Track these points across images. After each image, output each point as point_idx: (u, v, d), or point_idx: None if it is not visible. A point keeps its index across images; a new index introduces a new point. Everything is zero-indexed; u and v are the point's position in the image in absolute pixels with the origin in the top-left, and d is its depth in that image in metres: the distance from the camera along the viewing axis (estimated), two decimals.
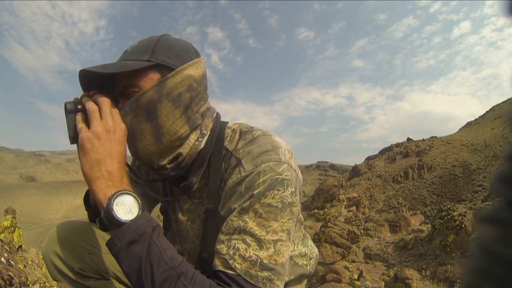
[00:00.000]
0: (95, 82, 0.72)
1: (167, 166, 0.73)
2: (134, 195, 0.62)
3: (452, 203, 3.55)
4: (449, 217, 3.23)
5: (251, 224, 0.63)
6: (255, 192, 0.65)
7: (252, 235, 0.63)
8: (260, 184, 0.65)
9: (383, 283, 2.96)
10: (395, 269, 3.24)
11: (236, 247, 0.62)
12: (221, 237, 0.66)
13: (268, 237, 0.63)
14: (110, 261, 0.82)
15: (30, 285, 0.73)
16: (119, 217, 0.58)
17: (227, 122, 0.82)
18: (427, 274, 2.90)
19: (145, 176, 0.94)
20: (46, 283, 0.73)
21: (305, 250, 0.90)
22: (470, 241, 2.91)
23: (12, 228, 2.32)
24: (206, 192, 0.78)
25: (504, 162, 0.21)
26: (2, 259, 0.77)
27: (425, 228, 4.10)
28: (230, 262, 0.61)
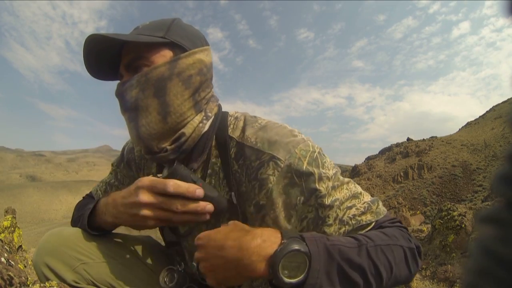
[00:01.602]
0: (100, 52, 0.70)
1: (168, 147, 0.70)
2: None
3: (452, 203, 3.55)
4: (449, 217, 3.23)
5: (339, 194, 0.67)
6: (315, 176, 0.65)
7: (346, 200, 0.68)
8: (311, 168, 0.66)
9: None
10: None
11: (351, 215, 0.67)
12: (331, 229, 0.67)
13: (353, 190, 0.70)
14: (104, 271, 0.77)
15: (30, 285, 0.73)
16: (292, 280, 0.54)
17: (228, 112, 0.81)
18: (427, 274, 2.90)
19: (135, 173, 0.90)
20: (46, 283, 0.73)
21: None
22: (470, 241, 2.91)
23: (12, 228, 2.32)
24: (209, 182, 0.75)
25: (504, 162, 0.21)
26: (2, 259, 0.76)
27: (425, 228, 4.10)
28: (361, 223, 0.67)
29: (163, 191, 0.64)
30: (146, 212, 0.65)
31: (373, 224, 0.68)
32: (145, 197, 0.64)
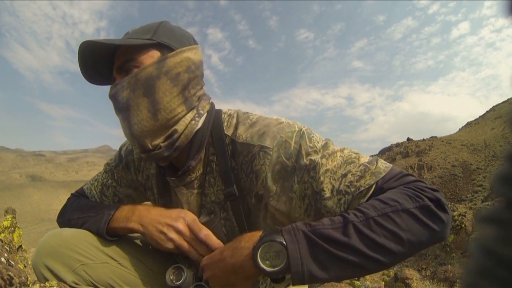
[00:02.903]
0: (95, 58, 0.74)
1: (161, 144, 0.72)
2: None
3: (452, 203, 3.55)
4: None
5: (330, 164, 0.67)
6: (302, 153, 0.67)
7: (338, 168, 0.66)
8: (298, 146, 0.68)
9: (383, 283, 2.96)
10: (395, 269, 3.24)
11: (348, 183, 0.65)
12: (331, 202, 0.66)
13: (347, 155, 0.68)
14: (104, 272, 0.77)
15: (30, 285, 0.73)
16: (270, 268, 0.56)
17: (221, 110, 0.83)
18: (427, 274, 2.90)
19: (133, 175, 0.91)
20: (46, 283, 0.73)
21: None
22: (470, 241, 2.91)
23: (12, 228, 2.33)
24: (208, 180, 0.77)
25: (504, 162, 0.21)
26: (2, 259, 0.76)
27: None
28: (360, 189, 0.64)
29: (195, 233, 0.72)
30: (174, 235, 0.72)
31: (373, 186, 0.64)
32: (181, 226, 0.72)
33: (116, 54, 0.74)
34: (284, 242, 0.56)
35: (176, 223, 0.72)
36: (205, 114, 0.77)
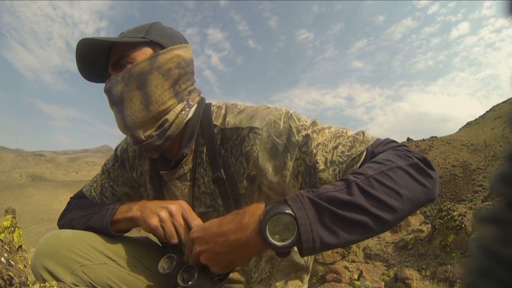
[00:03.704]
0: (91, 56, 0.78)
1: (153, 133, 0.76)
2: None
3: (452, 203, 3.55)
4: (449, 217, 3.23)
5: (321, 138, 0.69)
6: (293, 130, 0.70)
7: (329, 141, 0.69)
8: (287, 125, 0.71)
9: (383, 283, 2.96)
10: (395, 269, 3.24)
11: (340, 154, 0.67)
12: (326, 174, 0.67)
13: (334, 131, 0.71)
14: (103, 273, 0.78)
15: (30, 285, 0.73)
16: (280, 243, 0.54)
17: (211, 102, 0.86)
18: (427, 274, 2.89)
19: (129, 173, 0.93)
20: (46, 283, 0.73)
21: None
22: (470, 241, 2.91)
23: (12, 228, 2.32)
24: (199, 171, 0.79)
25: (504, 162, 0.21)
26: (2, 259, 0.76)
27: (425, 228, 4.09)
28: (352, 156, 0.66)
29: (188, 221, 0.74)
30: (164, 214, 0.74)
31: (364, 153, 0.66)
32: (174, 209, 0.74)
33: (111, 52, 0.78)
34: (292, 213, 0.53)
35: (171, 205, 0.74)
36: (195, 105, 0.81)
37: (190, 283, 0.65)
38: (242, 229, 0.58)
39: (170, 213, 0.74)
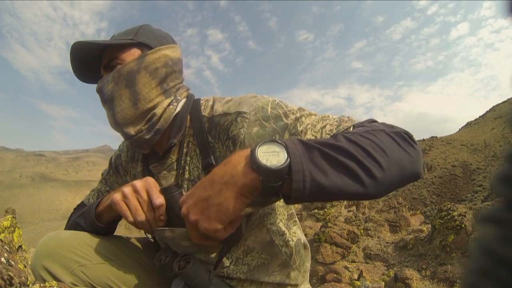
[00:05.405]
0: (85, 57, 0.81)
1: (142, 128, 0.79)
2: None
3: (452, 203, 3.55)
4: (449, 217, 3.23)
5: (309, 120, 0.72)
6: (281, 115, 0.72)
7: (317, 122, 0.72)
8: (275, 111, 0.73)
9: (383, 283, 2.96)
10: (395, 269, 3.24)
11: (328, 132, 0.70)
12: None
13: (320, 115, 0.74)
14: (102, 273, 0.79)
15: (30, 285, 0.73)
16: (274, 164, 0.52)
17: (200, 98, 0.88)
18: (427, 274, 2.89)
19: (123, 177, 0.96)
20: (46, 283, 0.73)
21: (285, 231, 0.84)
22: (470, 241, 2.91)
23: (12, 228, 2.32)
24: (185, 160, 0.81)
25: (504, 162, 0.21)
26: (2, 259, 0.76)
27: (425, 228, 4.09)
28: (343, 129, 0.68)
29: (152, 198, 0.72)
30: (127, 190, 0.73)
31: (351, 128, 0.68)
32: (139, 185, 0.73)
33: (103, 54, 0.82)
34: (283, 143, 0.54)
35: (136, 182, 0.74)
36: (183, 100, 0.84)
37: (185, 269, 0.70)
38: (230, 163, 0.56)
39: (134, 189, 0.72)
